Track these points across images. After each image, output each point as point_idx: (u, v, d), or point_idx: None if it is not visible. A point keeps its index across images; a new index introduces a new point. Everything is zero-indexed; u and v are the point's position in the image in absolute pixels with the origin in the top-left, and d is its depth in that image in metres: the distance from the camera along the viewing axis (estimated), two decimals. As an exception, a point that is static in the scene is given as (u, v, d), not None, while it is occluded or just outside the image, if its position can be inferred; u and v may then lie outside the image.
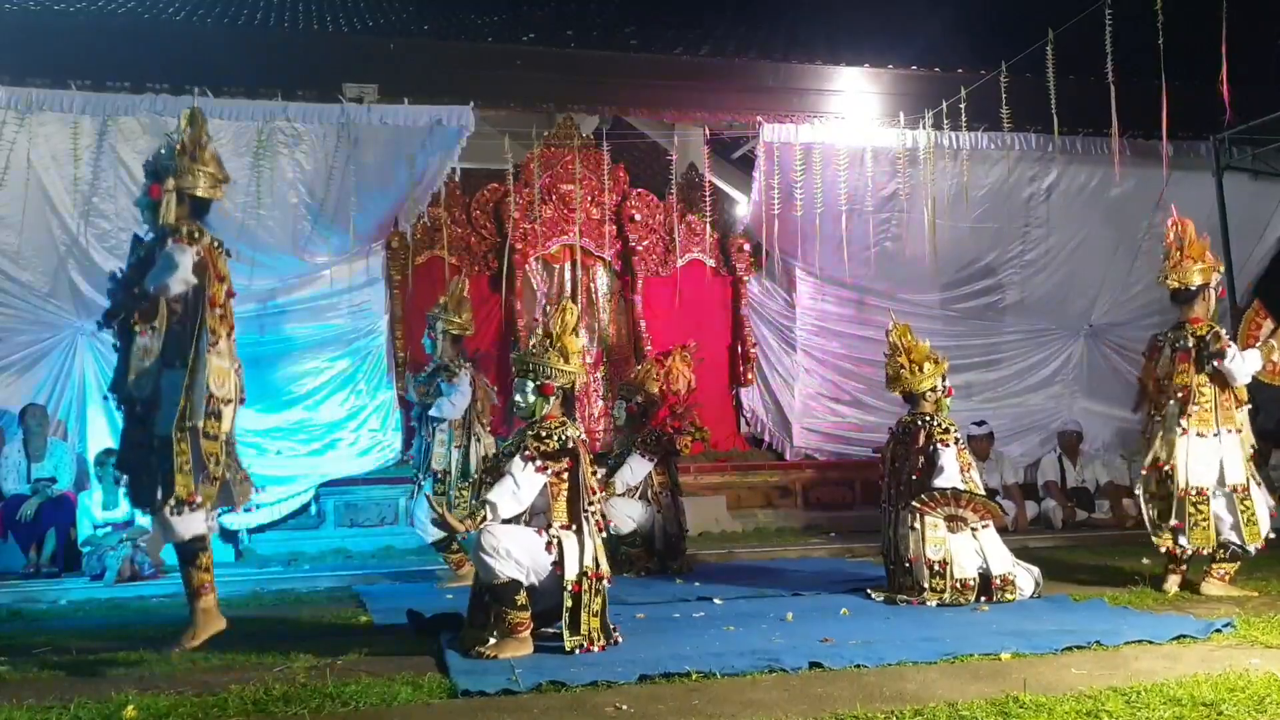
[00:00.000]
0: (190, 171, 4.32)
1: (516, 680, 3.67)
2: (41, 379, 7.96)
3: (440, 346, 6.62)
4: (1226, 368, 5.39)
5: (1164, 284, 5.67)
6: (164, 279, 4.10)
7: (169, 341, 4.17)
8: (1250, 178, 9.59)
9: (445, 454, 6.46)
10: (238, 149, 7.80)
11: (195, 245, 4.23)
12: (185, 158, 4.33)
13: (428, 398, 6.51)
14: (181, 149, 4.35)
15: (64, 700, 3.52)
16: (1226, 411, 5.43)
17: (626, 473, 6.82)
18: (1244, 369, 5.44)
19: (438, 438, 6.48)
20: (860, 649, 4.08)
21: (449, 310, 6.67)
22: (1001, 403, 9.84)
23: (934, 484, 5.38)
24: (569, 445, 4.36)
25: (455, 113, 8.20)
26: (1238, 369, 5.41)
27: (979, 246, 9.67)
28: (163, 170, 4.34)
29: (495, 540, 4.18)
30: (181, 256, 4.14)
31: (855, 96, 9.56)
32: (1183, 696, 3.29)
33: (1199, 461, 5.40)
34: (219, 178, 4.43)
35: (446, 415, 6.43)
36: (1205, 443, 5.40)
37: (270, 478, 7.87)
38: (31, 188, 7.44)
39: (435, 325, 6.66)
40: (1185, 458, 5.40)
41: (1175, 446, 5.43)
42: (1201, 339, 5.46)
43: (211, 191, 4.40)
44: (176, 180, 4.29)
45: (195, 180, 4.34)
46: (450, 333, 6.63)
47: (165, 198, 4.27)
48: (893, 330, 5.77)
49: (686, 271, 9.77)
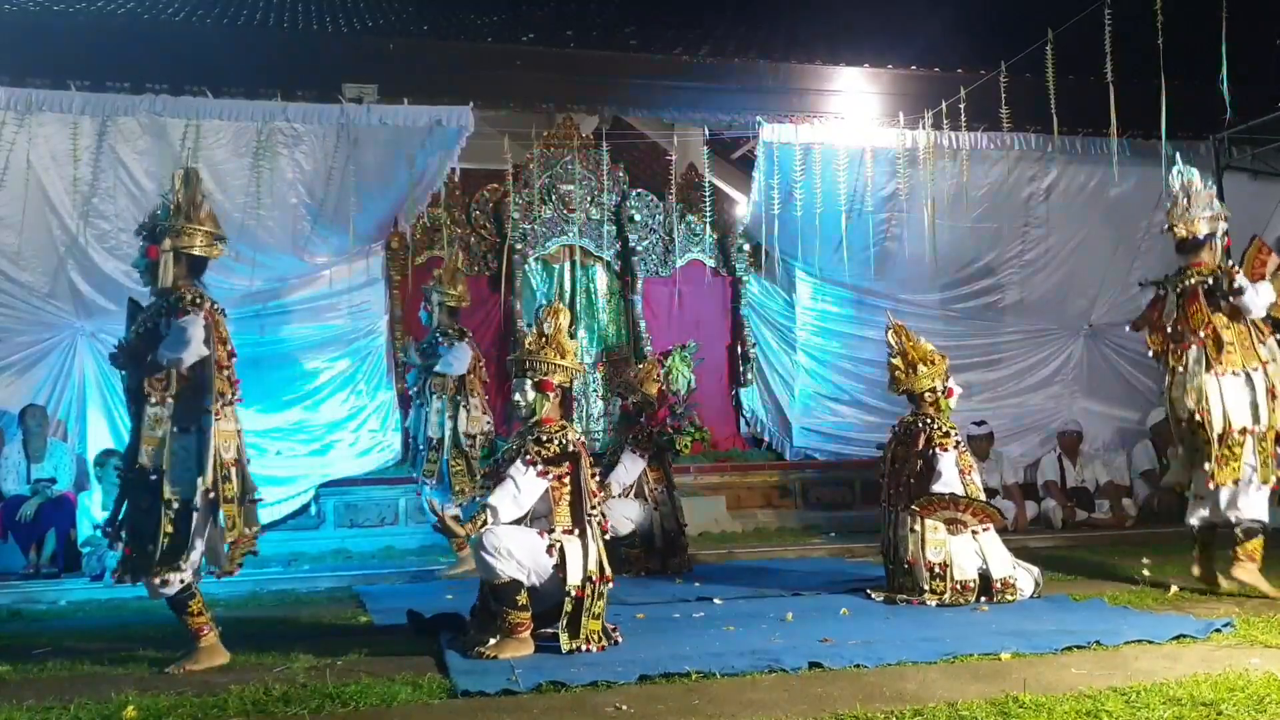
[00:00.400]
0: (187, 231, 4.28)
1: (516, 680, 3.67)
2: (41, 379, 7.95)
3: (436, 318, 6.95)
4: (1244, 302, 5.18)
5: (1169, 234, 5.46)
6: (179, 353, 4.10)
7: (180, 408, 4.17)
8: (1250, 177, 9.58)
9: (440, 423, 6.75)
10: (237, 149, 7.80)
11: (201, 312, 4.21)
12: (181, 217, 4.29)
13: (429, 359, 6.82)
14: (177, 208, 4.31)
15: (64, 701, 3.52)
16: (1248, 350, 5.22)
17: (621, 472, 6.82)
18: (1259, 301, 5.23)
19: (434, 405, 6.75)
20: (860, 649, 4.07)
21: (444, 282, 6.99)
22: (1001, 403, 9.83)
23: (932, 489, 5.37)
24: (570, 449, 4.36)
25: (455, 113, 8.19)
26: (1252, 301, 5.20)
27: (978, 246, 9.66)
28: (159, 231, 4.30)
29: (497, 540, 4.18)
30: (194, 330, 4.14)
31: (855, 96, 9.56)
32: (1182, 696, 3.29)
33: (1234, 400, 5.15)
34: (216, 236, 4.40)
35: (450, 372, 6.75)
36: (1238, 380, 5.18)
37: (270, 478, 7.87)
38: (31, 188, 7.43)
39: (431, 297, 7.01)
40: (1220, 399, 5.15)
41: (1206, 389, 5.18)
42: (1213, 277, 5.27)
43: (209, 250, 4.36)
44: (174, 241, 4.26)
45: (193, 240, 4.29)
46: (446, 304, 6.95)
47: (163, 259, 4.25)
48: (890, 330, 5.76)
49: (686, 272, 9.78)
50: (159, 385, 4.17)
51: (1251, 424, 5.14)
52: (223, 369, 4.30)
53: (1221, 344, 5.16)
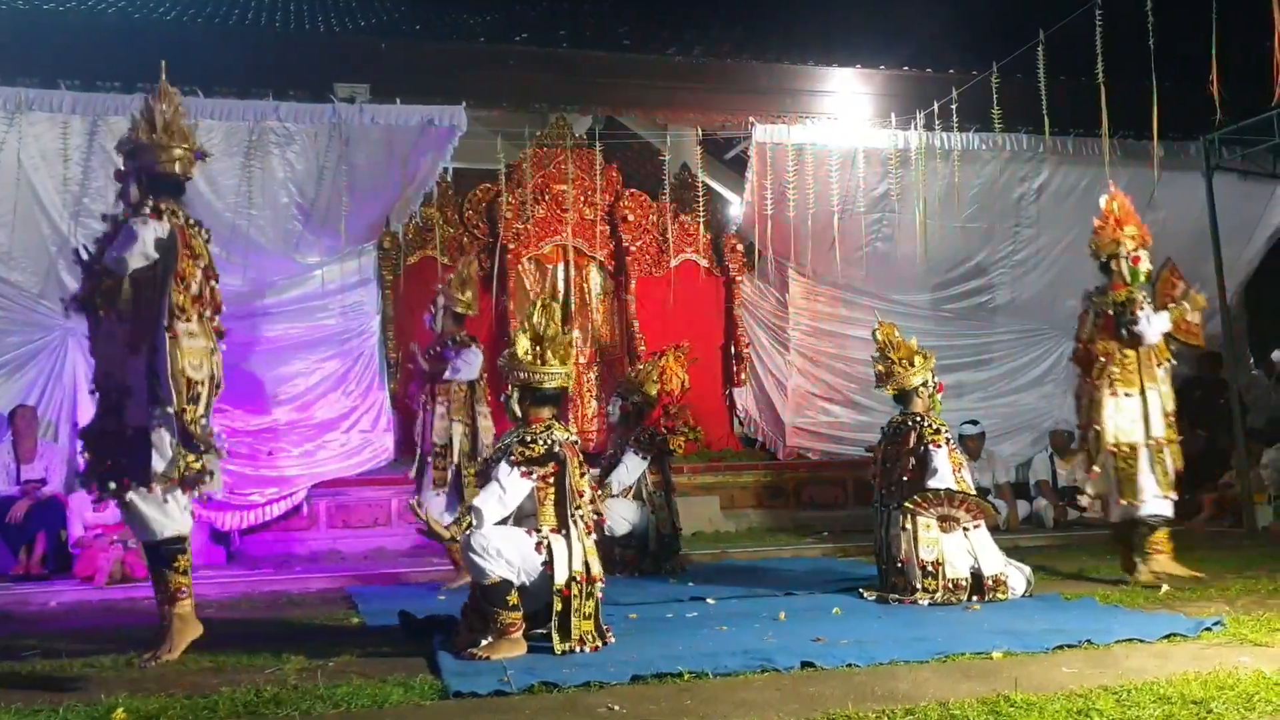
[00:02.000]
0: (155, 148, 4.09)
1: (509, 681, 3.66)
2: (31, 380, 7.91)
3: (442, 323, 6.76)
4: (1137, 331, 5.72)
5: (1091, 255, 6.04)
6: (121, 253, 3.88)
7: (134, 325, 3.94)
8: (1240, 178, 9.62)
9: (446, 428, 6.52)
10: (229, 149, 7.78)
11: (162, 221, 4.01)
12: (150, 134, 4.12)
13: (435, 364, 6.62)
14: (149, 125, 4.13)
15: (53, 703, 3.50)
16: (1149, 370, 5.77)
17: (622, 472, 6.82)
18: (1153, 330, 5.75)
19: (438, 411, 6.55)
20: (852, 648, 4.08)
21: (454, 288, 6.81)
22: (993, 402, 9.87)
23: (927, 485, 5.38)
24: (555, 450, 4.35)
25: (447, 112, 8.19)
26: (1145, 330, 5.73)
27: (970, 246, 9.69)
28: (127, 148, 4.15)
29: (485, 540, 4.19)
30: (142, 229, 3.92)
31: (847, 97, 9.58)
32: (1173, 694, 3.30)
33: (1126, 418, 5.72)
34: (189, 153, 4.18)
35: (463, 378, 6.54)
36: (1131, 401, 5.74)
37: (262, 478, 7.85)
38: (21, 188, 7.41)
39: (438, 300, 6.81)
40: (1113, 416, 5.73)
41: (1103, 406, 5.75)
42: (1119, 305, 5.79)
43: (181, 168, 4.15)
44: (139, 159, 4.10)
45: (159, 156, 4.10)
46: (454, 310, 6.76)
47: (128, 178, 4.11)
48: (879, 329, 5.79)
49: (679, 272, 9.78)
50: (107, 297, 3.93)
51: (1143, 439, 5.70)
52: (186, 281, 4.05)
53: (1108, 367, 5.76)
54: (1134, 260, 5.86)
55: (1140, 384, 5.73)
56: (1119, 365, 5.74)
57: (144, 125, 4.18)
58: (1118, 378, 5.74)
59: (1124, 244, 5.86)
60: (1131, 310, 5.73)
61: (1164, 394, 5.80)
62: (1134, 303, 5.74)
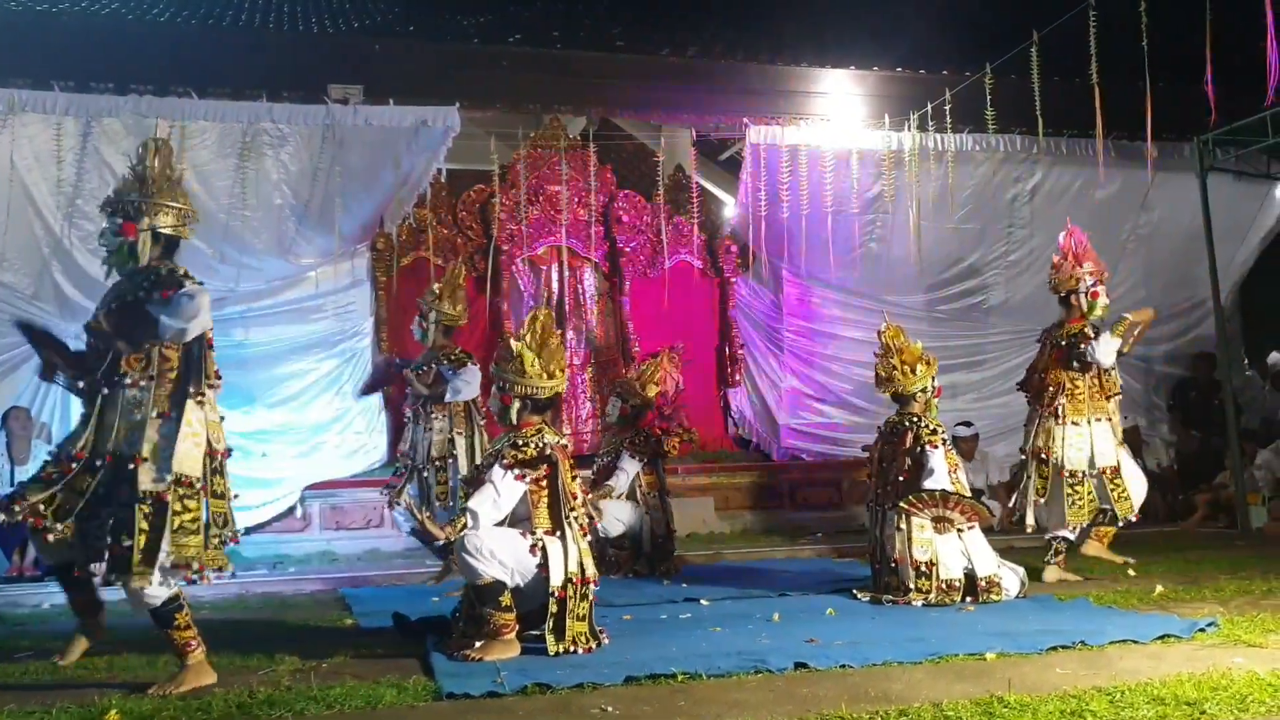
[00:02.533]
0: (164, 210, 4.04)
1: (502, 682, 3.66)
2: (24, 382, 7.88)
3: (432, 335, 6.59)
4: (1090, 360, 5.97)
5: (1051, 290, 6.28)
6: (185, 323, 3.78)
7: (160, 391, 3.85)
8: (1233, 179, 9.64)
9: (444, 442, 6.43)
10: (222, 150, 7.77)
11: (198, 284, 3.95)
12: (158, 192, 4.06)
13: (432, 387, 6.45)
14: (153, 182, 4.07)
15: (46, 705, 3.49)
16: (1096, 402, 6.03)
17: (621, 477, 6.81)
18: (1102, 352, 5.96)
19: (436, 425, 6.44)
20: (846, 649, 4.08)
21: (442, 299, 6.60)
22: (987, 403, 9.86)
23: (923, 485, 5.39)
24: (547, 452, 4.37)
25: (441, 113, 8.18)
26: (1094, 355, 5.96)
27: (963, 247, 9.70)
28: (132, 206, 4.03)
29: (479, 541, 4.19)
30: (202, 299, 3.86)
31: (841, 98, 9.58)
32: (1166, 696, 3.30)
33: (1072, 447, 5.97)
34: (189, 213, 4.15)
35: (464, 398, 6.41)
36: (1078, 430, 5.98)
37: (256, 480, 7.83)
38: (15, 189, 7.39)
39: (428, 315, 6.60)
40: (1061, 444, 5.97)
41: (1053, 434, 6.00)
42: (1072, 336, 6.05)
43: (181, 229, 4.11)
44: (150, 219, 4.02)
45: (167, 218, 4.05)
46: (442, 323, 6.59)
47: (141, 237, 4.00)
48: (885, 331, 5.78)
49: (674, 273, 9.77)
50: (138, 365, 3.85)
51: (1088, 468, 5.95)
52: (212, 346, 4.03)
53: (1058, 397, 6.03)
54: (1092, 295, 6.08)
55: (1088, 414, 6.00)
56: (1068, 396, 6.01)
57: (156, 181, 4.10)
58: (1068, 408, 6.00)
59: (1083, 280, 6.08)
60: (1082, 342, 6.00)
61: (1113, 425, 6.06)
62: (1084, 337, 6.01)
